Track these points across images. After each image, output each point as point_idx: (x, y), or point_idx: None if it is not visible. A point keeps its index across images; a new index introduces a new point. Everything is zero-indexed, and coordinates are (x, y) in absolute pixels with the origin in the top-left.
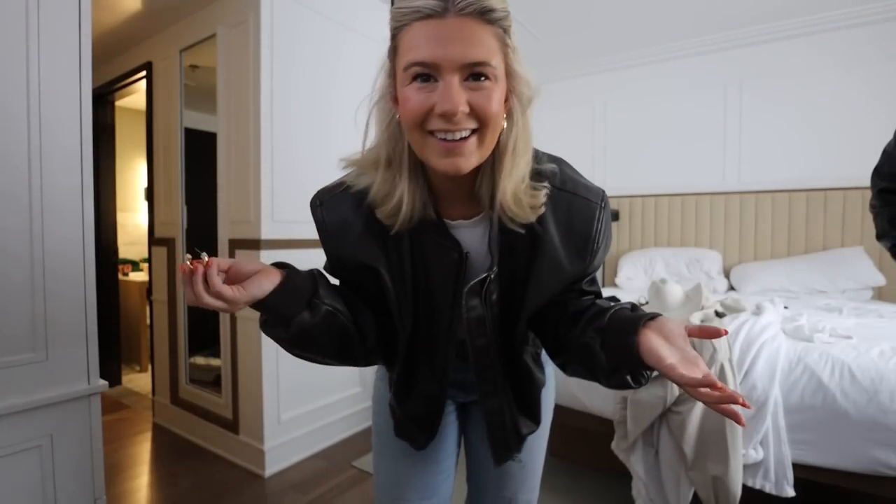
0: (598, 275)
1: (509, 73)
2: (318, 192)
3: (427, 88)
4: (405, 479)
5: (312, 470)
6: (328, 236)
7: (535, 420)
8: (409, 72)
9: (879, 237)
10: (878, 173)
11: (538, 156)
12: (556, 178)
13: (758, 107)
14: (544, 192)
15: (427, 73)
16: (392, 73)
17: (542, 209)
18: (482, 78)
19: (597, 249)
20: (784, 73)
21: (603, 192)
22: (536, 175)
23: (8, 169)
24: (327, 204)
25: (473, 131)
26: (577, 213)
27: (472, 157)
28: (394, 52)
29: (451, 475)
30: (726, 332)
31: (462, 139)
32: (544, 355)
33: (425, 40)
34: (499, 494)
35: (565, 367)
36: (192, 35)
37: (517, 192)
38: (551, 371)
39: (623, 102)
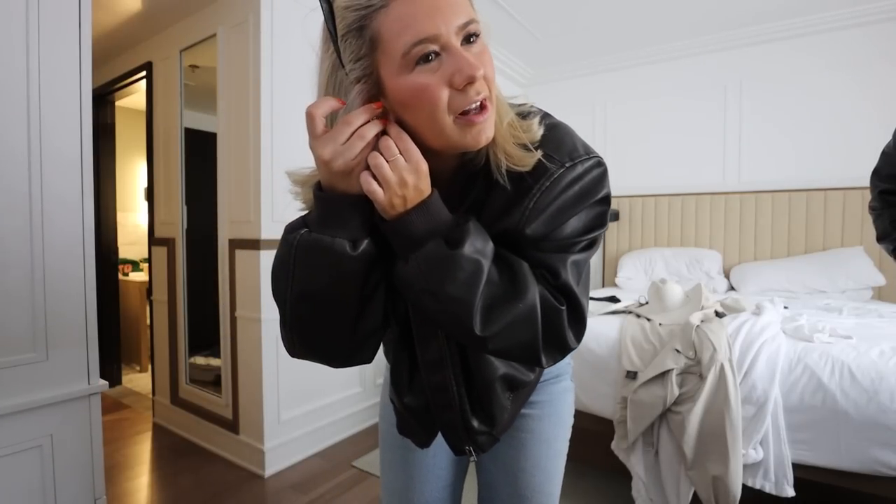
0: (597, 275)
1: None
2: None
3: (433, 68)
4: (418, 485)
5: (312, 470)
6: None
7: (488, 422)
8: (412, 55)
9: (880, 239)
10: (877, 175)
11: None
12: (541, 114)
13: (758, 107)
14: (536, 119)
15: (431, 51)
16: (367, 74)
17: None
18: (474, 37)
19: (529, 208)
20: (784, 73)
21: (581, 158)
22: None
23: (8, 169)
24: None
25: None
26: (539, 165)
27: (491, 121)
28: (370, 46)
29: (462, 481)
30: (380, 106)
31: (483, 107)
32: None
33: (419, 15)
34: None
35: None
36: (192, 35)
37: (514, 131)
38: (569, 373)
39: (623, 103)
